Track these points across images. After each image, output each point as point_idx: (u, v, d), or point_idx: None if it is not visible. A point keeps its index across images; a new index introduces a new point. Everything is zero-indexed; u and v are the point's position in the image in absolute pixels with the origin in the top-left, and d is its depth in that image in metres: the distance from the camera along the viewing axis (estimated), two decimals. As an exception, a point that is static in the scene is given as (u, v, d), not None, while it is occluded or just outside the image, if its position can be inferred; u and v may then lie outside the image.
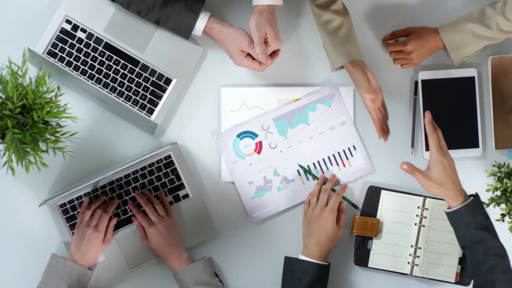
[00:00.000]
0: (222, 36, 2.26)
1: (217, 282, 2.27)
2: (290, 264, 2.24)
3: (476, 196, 2.10)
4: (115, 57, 2.31)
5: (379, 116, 2.22)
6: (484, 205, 2.07)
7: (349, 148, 2.35)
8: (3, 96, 1.97)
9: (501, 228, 2.31)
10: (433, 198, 2.32)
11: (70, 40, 2.31)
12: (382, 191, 2.33)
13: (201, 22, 2.26)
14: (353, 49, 2.22)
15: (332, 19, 2.21)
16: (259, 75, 2.36)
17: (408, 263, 2.31)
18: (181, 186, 2.32)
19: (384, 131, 2.24)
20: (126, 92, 2.32)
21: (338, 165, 2.35)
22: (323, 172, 2.34)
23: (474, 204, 2.09)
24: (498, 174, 2.08)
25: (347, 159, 2.35)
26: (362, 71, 2.21)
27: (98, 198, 2.30)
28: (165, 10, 2.25)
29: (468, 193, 2.09)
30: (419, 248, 2.31)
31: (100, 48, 2.31)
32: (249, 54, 2.26)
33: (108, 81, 2.31)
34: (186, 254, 2.28)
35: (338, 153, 2.35)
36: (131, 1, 2.26)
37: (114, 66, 2.31)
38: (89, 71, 2.31)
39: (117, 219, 2.30)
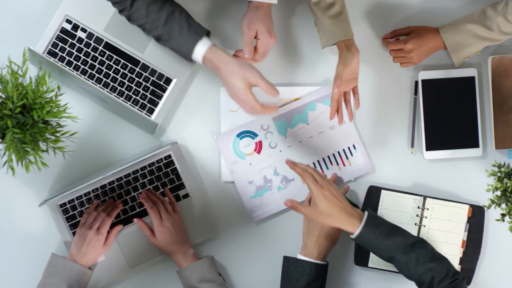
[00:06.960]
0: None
1: (221, 280, 2.27)
2: (288, 263, 2.24)
3: (367, 210, 2.15)
4: (115, 56, 2.31)
5: (338, 98, 2.23)
6: (485, 207, 2.07)
7: (349, 147, 2.35)
8: (3, 96, 1.97)
9: (501, 228, 2.32)
10: (433, 198, 2.32)
11: (70, 40, 2.30)
12: (382, 191, 2.33)
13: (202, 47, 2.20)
14: (346, 27, 2.21)
15: None
16: (259, 74, 2.36)
17: (408, 263, 2.31)
18: (181, 186, 2.32)
19: (338, 113, 2.25)
20: (126, 92, 2.31)
21: (338, 164, 2.35)
22: (323, 172, 2.34)
23: (370, 218, 2.14)
24: (498, 174, 2.07)
25: (347, 158, 2.35)
26: (352, 56, 2.19)
27: (106, 202, 2.30)
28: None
29: (469, 195, 2.08)
30: (419, 248, 2.31)
31: (100, 47, 2.31)
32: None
33: (108, 80, 2.31)
34: (192, 250, 2.28)
35: (338, 152, 2.35)
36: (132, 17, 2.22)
37: (114, 66, 2.31)
38: (89, 70, 2.31)
39: (122, 226, 2.30)
